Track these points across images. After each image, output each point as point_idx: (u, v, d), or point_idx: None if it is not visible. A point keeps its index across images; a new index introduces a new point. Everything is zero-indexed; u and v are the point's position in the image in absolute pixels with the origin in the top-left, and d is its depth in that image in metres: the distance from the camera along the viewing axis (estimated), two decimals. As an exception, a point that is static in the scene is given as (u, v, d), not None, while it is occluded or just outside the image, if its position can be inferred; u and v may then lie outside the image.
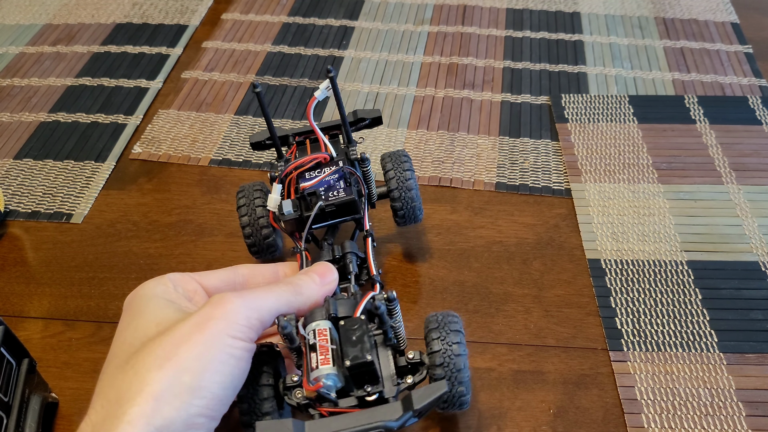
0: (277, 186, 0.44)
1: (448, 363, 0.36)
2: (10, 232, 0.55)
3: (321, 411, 0.35)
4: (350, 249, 0.42)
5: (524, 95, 0.67)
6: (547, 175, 0.58)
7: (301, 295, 0.37)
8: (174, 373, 0.31)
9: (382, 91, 0.67)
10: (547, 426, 0.42)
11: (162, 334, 0.33)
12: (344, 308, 0.37)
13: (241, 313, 0.34)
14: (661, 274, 0.50)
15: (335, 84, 0.43)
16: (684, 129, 0.62)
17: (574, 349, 0.46)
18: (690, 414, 0.42)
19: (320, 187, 0.43)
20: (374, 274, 0.42)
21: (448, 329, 0.37)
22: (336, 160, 0.45)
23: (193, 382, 0.32)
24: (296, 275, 0.39)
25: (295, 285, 0.37)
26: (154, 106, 0.67)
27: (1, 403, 0.38)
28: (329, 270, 0.39)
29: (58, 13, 0.79)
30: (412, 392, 0.33)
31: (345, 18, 0.77)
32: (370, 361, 0.34)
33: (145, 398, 0.31)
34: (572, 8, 0.78)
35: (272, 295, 0.36)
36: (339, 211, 0.43)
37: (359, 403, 0.35)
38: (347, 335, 0.35)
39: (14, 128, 0.64)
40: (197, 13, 0.79)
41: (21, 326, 0.49)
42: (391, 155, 0.48)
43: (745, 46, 0.72)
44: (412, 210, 0.48)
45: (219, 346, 0.33)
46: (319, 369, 0.34)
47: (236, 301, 0.34)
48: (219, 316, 0.33)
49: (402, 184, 0.47)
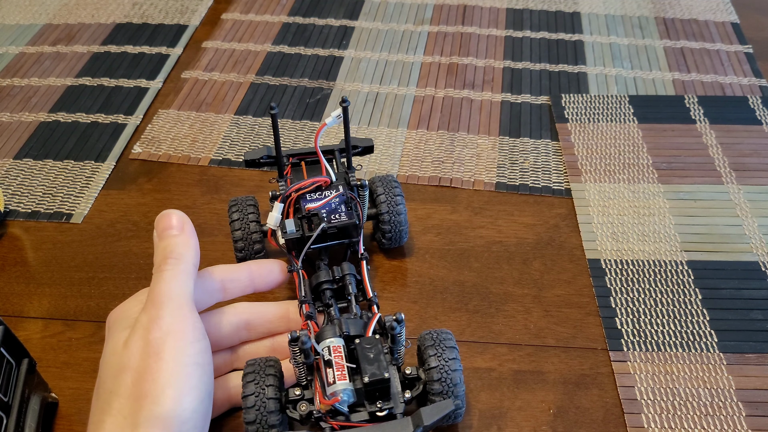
0: (279, 205, 0.45)
1: (446, 378, 0.38)
2: (10, 232, 0.55)
3: (333, 424, 0.36)
4: (349, 271, 0.44)
5: (524, 95, 0.67)
6: (547, 175, 0.58)
7: (183, 256, 0.38)
8: (152, 409, 0.32)
9: (382, 91, 0.67)
10: (547, 426, 0.42)
11: (124, 370, 0.33)
12: (354, 328, 0.39)
13: (179, 316, 0.34)
14: (661, 274, 0.50)
15: (347, 114, 0.46)
16: (684, 129, 0.62)
17: (574, 349, 0.46)
18: (690, 414, 0.42)
19: (323, 209, 0.45)
20: (371, 296, 0.43)
21: (443, 346, 0.39)
22: (336, 184, 0.47)
23: (173, 413, 0.32)
24: (158, 247, 0.38)
25: (171, 256, 0.37)
26: (154, 106, 0.67)
27: (1, 403, 0.38)
28: (172, 215, 0.39)
29: (58, 13, 0.79)
30: (421, 410, 0.35)
31: (345, 18, 0.77)
32: (387, 378, 0.37)
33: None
34: (572, 8, 0.78)
35: (177, 282, 0.36)
36: (339, 233, 0.45)
37: (370, 418, 0.37)
38: (364, 353, 0.37)
39: (14, 128, 0.64)
40: (197, 13, 0.79)
41: (21, 326, 0.49)
42: (381, 180, 0.50)
43: (745, 46, 0.72)
44: (399, 233, 0.49)
45: (182, 365, 0.33)
46: (336, 384, 0.36)
47: (165, 311, 0.34)
48: (163, 335, 0.33)
49: (392, 208, 0.49)
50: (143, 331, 0.34)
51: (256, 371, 0.38)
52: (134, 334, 0.34)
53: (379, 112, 0.65)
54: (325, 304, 0.43)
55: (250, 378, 0.38)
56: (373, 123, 0.64)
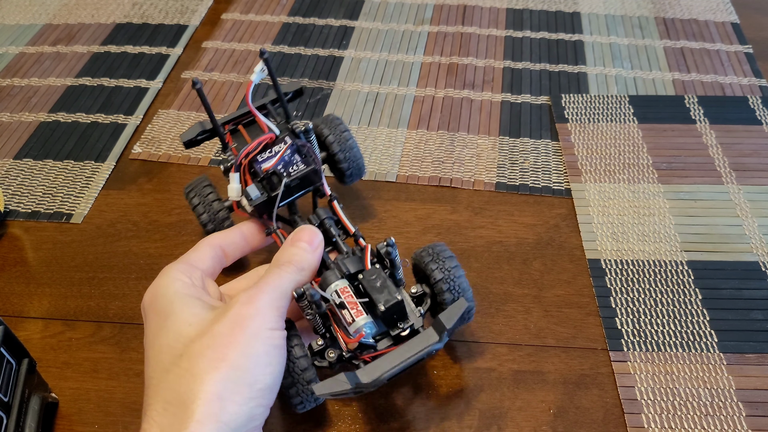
0: (235, 175, 0.44)
1: (453, 287, 0.41)
2: (10, 232, 0.55)
3: (364, 359, 0.38)
4: (326, 215, 0.45)
5: (524, 95, 0.67)
6: (547, 175, 0.58)
7: (304, 270, 0.39)
8: (229, 372, 0.34)
9: (382, 91, 0.67)
10: (547, 426, 0.42)
11: (204, 335, 0.35)
12: (353, 265, 0.40)
13: (272, 306, 0.37)
14: (661, 274, 0.50)
15: (270, 65, 0.45)
16: (684, 129, 0.62)
17: (574, 349, 0.46)
18: (690, 414, 0.42)
19: (279, 165, 0.44)
20: (353, 231, 0.44)
21: (443, 257, 0.42)
22: (281, 137, 0.46)
23: (248, 378, 0.34)
24: (286, 250, 0.40)
25: (295, 263, 0.39)
26: (154, 106, 0.67)
27: (1, 403, 0.38)
28: (313, 233, 0.41)
29: (58, 13, 0.79)
30: (439, 316, 0.37)
31: (345, 18, 0.77)
32: (400, 300, 0.38)
33: (210, 398, 0.33)
34: (572, 8, 0.78)
35: (285, 281, 0.38)
36: (302, 183, 0.45)
37: (395, 341, 0.39)
38: (370, 285, 0.39)
39: (14, 128, 0.64)
40: (197, 13, 0.79)
41: (21, 326, 0.49)
42: (323, 121, 0.50)
43: (745, 46, 0.72)
44: (357, 167, 0.50)
45: (262, 340, 0.35)
46: (356, 321, 0.38)
47: (264, 297, 0.37)
48: (254, 313, 0.36)
49: (343, 144, 0.49)
50: (239, 306, 0.36)
51: None
52: (228, 308, 0.36)
53: (379, 112, 0.65)
54: None
55: None
56: (373, 123, 0.64)
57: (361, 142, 0.62)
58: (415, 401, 0.43)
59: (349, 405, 0.43)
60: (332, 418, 0.43)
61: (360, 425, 0.42)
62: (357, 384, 0.35)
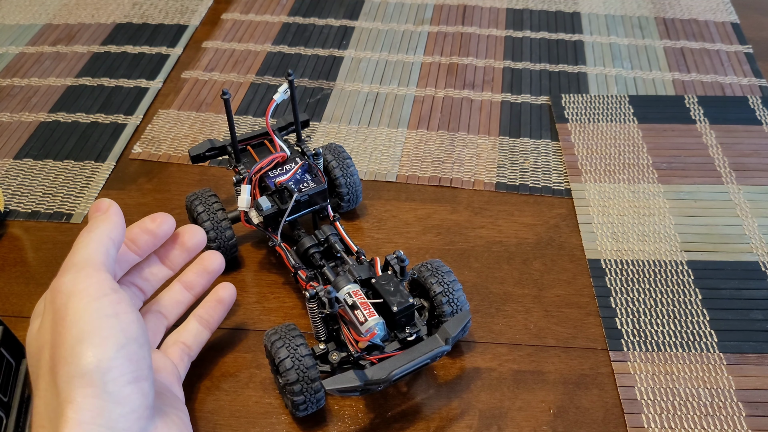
0: (246, 187, 0.47)
1: (452, 300, 0.43)
2: (10, 232, 0.55)
3: (371, 360, 0.40)
4: (330, 232, 0.47)
5: (524, 95, 0.67)
6: (547, 175, 0.58)
7: (119, 226, 0.38)
8: (66, 370, 0.32)
9: (382, 91, 0.67)
10: (547, 426, 0.42)
11: (42, 351, 0.34)
12: (363, 272, 0.43)
13: (96, 277, 0.35)
14: (661, 274, 0.50)
15: (293, 87, 0.48)
16: (684, 129, 0.62)
17: (574, 349, 0.46)
18: (690, 414, 0.42)
19: (290, 181, 0.47)
20: (356, 250, 0.46)
21: (441, 272, 0.44)
22: (292, 157, 0.49)
23: (88, 364, 0.32)
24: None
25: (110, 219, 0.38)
26: (154, 106, 0.67)
27: (1, 403, 0.38)
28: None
29: (58, 13, 0.79)
30: (444, 325, 0.40)
31: (345, 18, 0.77)
32: (412, 304, 0.40)
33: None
34: (572, 8, 0.78)
35: (97, 244, 0.37)
36: (309, 202, 0.48)
37: (402, 345, 0.41)
38: (384, 288, 0.41)
39: (14, 128, 0.64)
40: (197, 13, 0.79)
41: (21, 326, 0.49)
42: (328, 149, 0.53)
43: (745, 46, 0.72)
44: (355, 194, 0.53)
45: (94, 316, 0.33)
46: (369, 321, 0.40)
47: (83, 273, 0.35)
48: (67, 296, 0.34)
49: (345, 171, 0.52)
50: (49, 304, 0.34)
51: (281, 337, 0.40)
52: (45, 313, 0.35)
53: (379, 112, 0.65)
54: (317, 266, 0.46)
55: (279, 344, 0.40)
56: (373, 123, 0.64)
57: (361, 142, 0.62)
58: (415, 401, 0.43)
59: (349, 405, 0.43)
60: (332, 418, 0.43)
61: (360, 425, 0.43)
62: (366, 381, 0.37)
